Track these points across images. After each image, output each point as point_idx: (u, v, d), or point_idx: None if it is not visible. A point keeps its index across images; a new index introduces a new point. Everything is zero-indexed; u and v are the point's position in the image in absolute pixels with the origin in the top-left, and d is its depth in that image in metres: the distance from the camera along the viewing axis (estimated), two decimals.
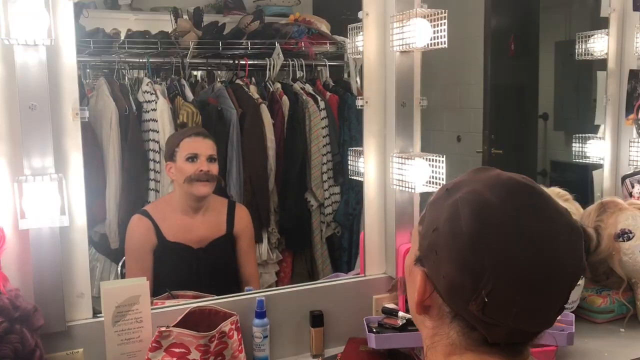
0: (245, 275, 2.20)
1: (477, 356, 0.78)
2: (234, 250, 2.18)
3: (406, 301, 1.73)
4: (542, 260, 0.73)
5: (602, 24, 2.39)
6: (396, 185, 1.77)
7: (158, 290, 1.87)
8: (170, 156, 2.09)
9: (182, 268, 2.07)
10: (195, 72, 2.73)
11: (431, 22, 1.66)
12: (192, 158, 2.06)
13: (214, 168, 2.09)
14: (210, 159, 2.09)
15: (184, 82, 2.51)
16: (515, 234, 0.73)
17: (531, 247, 0.73)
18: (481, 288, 0.72)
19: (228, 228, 2.15)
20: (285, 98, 2.61)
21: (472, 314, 0.75)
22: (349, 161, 2.01)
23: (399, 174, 1.75)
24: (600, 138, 2.44)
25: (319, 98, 2.66)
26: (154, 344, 1.47)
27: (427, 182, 1.72)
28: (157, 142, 2.38)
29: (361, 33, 1.83)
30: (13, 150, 1.40)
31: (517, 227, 0.73)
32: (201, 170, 2.04)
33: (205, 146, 2.09)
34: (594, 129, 2.53)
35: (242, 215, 2.21)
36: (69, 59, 1.45)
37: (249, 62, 2.64)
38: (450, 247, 0.75)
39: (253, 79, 2.67)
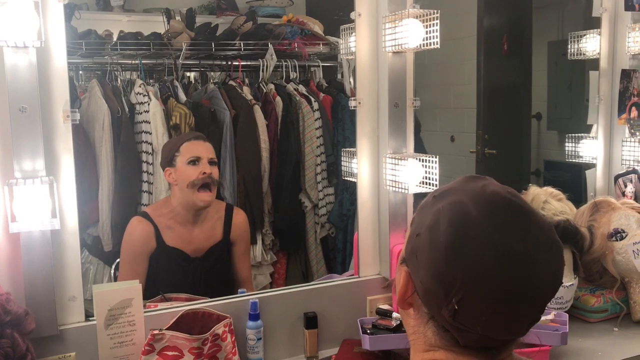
0: (240, 278, 2.19)
1: (450, 355, 0.81)
2: (230, 255, 2.17)
3: None
4: (516, 276, 0.74)
5: (594, 23, 2.40)
6: (389, 186, 1.77)
7: (154, 293, 1.86)
8: (170, 161, 2.06)
9: (178, 274, 2.06)
10: (188, 74, 2.73)
11: (423, 22, 1.66)
12: (194, 161, 2.04)
13: (215, 171, 2.08)
14: (211, 162, 2.08)
15: (176, 83, 2.51)
16: (490, 250, 0.74)
17: (505, 263, 0.74)
18: (452, 296, 0.75)
19: (225, 234, 2.14)
20: (278, 99, 2.61)
21: (444, 318, 0.78)
22: (342, 162, 2.01)
23: (392, 175, 1.75)
24: (593, 138, 2.45)
25: (312, 99, 2.66)
26: (146, 347, 1.46)
27: (420, 183, 1.71)
28: (150, 143, 2.37)
29: (354, 34, 1.83)
30: (3, 153, 1.39)
31: (492, 242, 0.75)
32: (204, 173, 2.02)
33: (206, 149, 2.08)
34: (587, 129, 2.53)
35: (240, 221, 2.19)
36: (60, 61, 1.44)
37: (242, 63, 2.63)
38: (427, 254, 0.78)
39: (246, 80, 2.67)
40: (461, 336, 0.79)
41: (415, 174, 1.71)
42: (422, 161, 1.71)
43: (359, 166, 1.86)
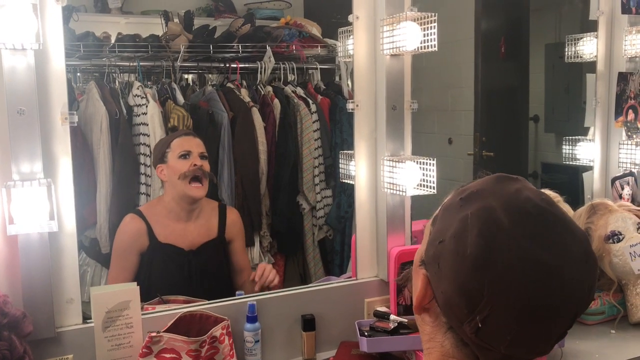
0: (240, 269, 2.19)
1: None
2: (226, 252, 2.17)
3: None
4: (546, 292, 0.69)
5: (591, 26, 2.41)
6: (387, 188, 1.77)
7: (149, 292, 1.86)
8: (161, 158, 2.08)
9: (173, 268, 2.07)
10: (186, 76, 2.73)
11: (421, 25, 1.66)
12: (185, 155, 2.07)
13: (206, 165, 2.10)
14: (202, 156, 2.10)
15: (174, 85, 2.51)
16: (521, 264, 0.69)
17: (536, 278, 0.69)
18: (477, 313, 0.70)
19: (220, 232, 2.15)
20: (276, 101, 2.61)
21: (466, 333, 0.73)
22: (340, 164, 2.01)
23: (390, 177, 1.75)
24: (590, 140, 2.46)
25: (310, 101, 2.66)
26: (144, 350, 1.46)
27: (418, 185, 1.72)
28: (148, 145, 2.37)
29: (351, 36, 1.83)
30: (1, 155, 1.39)
31: (525, 256, 0.69)
32: (195, 165, 2.05)
33: (196, 144, 2.11)
34: (584, 131, 2.54)
35: (234, 219, 2.21)
36: (58, 63, 1.44)
37: (240, 66, 2.64)
38: (452, 264, 0.72)
39: (244, 82, 2.66)
40: (482, 353, 0.74)
41: (413, 177, 1.71)
42: (420, 164, 1.71)
43: (357, 168, 1.86)
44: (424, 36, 1.66)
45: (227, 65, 2.62)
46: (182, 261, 2.07)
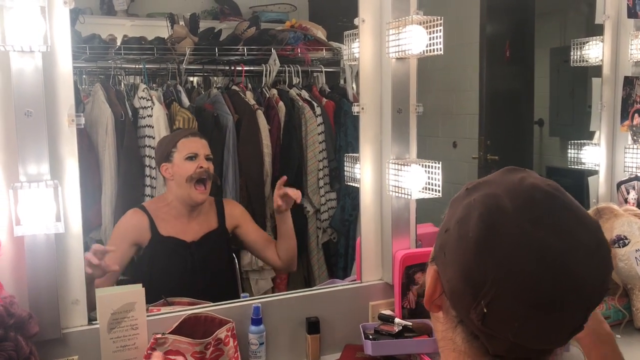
0: (266, 247, 2.20)
1: None
2: (228, 244, 2.19)
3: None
4: (553, 277, 0.67)
5: (596, 30, 2.40)
6: (392, 191, 1.77)
7: (152, 286, 1.85)
8: (166, 157, 2.09)
9: (175, 260, 2.07)
10: (191, 78, 2.74)
11: (427, 28, 1.67)
12: (192, 157, 2.08)
13: (211, 167, 2.12)
14: (207, 157, 2.12)
15: (180, 88, 2.52)
16: (524, 247, 0.67)
17: (541, 262, 0.67)
18: (481, 297, 0.69)
19: (220, 223, 2.16)
20: (281, 104, 2.62)
21: (473, 322, 0.71)
22: (345, 167, 2.01)
23: (395, 180, 1.75)
24: (595, 144, 2.45)
25: (315, 104, 2.66)
26: (149, 351, 1.46)
27: (423, 189, 1.72)
28: (153, 148, 2.37)
29: (357, 39, 1.84)
30: (8, 156, 1.40)
31: (527, 239, 0.68)
32: (201, 167, 2.06)
33: (202, 145, 2.12)
34: (589, 135, 2.54)
35: (231, 207, 2.23)
36: (65, 66, 1.45)
37: (245, 68, 2.64)
38: (455, 250, 0.72)
39: (249, 85, 2.67)
40: (491, 344, 0.72)
41: (418, 180, 1.71)
42: (425, 167, 1.71)
43: (362, 171, 1.86)
44: (430, 40, 1.66)
45: (233, 67, 2.63)
46: (184, 253, 2.08)
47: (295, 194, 2.07)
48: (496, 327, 0.70)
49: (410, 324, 1.66)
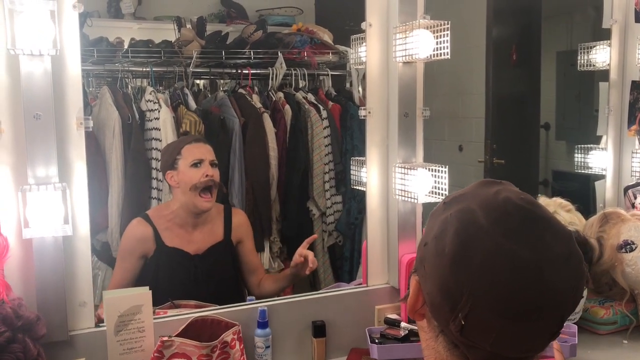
0: (252, 269, 2.19)
1: None
2: (233, 255, 2.18)
3: None
4: (527, 289, 0.69)
5: (603, 35, 2.40)
6: (399, 195, 1.77)
7: (157, 295, 1.86)
8: (171, 164, 2.08)
9: (179, 272, 2.07)
10: (198, 81, 2.75)
11: (434, 33, 1.67)
12: (197, 164, 2.06)
13: (216, 174, 2.10)
14: (212, 163, 2.10)
15: (187, 91, 2.52)
16: (499, 260, 0.70)
17: (515, 274, 0.69)
18: (458, 311, 0.71)
19: (226, 234, 2.15)
20: (287, 107, 2.62)
21: (452, 333, 0.74)
22: (351, 171, 2.01)
23: (402, 184, 1.75)
24: (602, 149, 2.45)
25: (321, 107, 2.67)
26: (156, 354, 1.46)
27: (429, 192, 1.72)
28: (160, 150, 2.38)
29: (364, 43, 1.84)
30: (17, 159, 1.41)
31: (501, 253, 0.70)
32: (207, 176, 2.05)
33: (207, 151, 2.11)
34: (596, 140, 2.53)
35: (240, 219, 2.21)
36: (74, 69, 1.46)
37: (251, 72, 2.65)
38: (433, 265, 0.75)
39: (256, 88, 2.68)
40: (471, 353, 0.74)
41: (424, 184, 1.71)
42: (432, 171, 1.71)
43: (369, 175, 1.86)
44: (437, 44, 1.66)
45: (239, 71, 2.63)
46: (188, 265, 2.07)
47: (313, 262, 2.01)
48: (474, 337, 0.72)
49: (417, 328, 1.66)
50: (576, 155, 2.53)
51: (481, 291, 0.70)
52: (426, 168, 1.72)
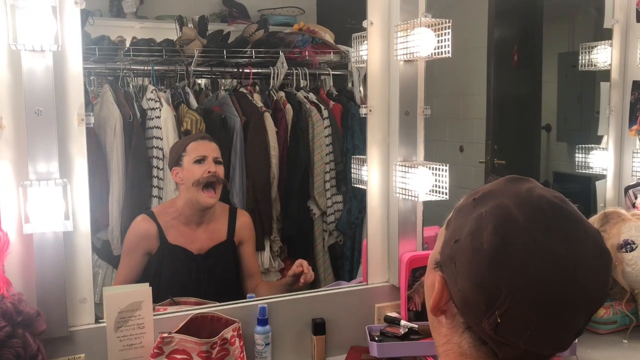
0: (250, 274, 2.19)
1: None
2: (235, 256, 2.18)
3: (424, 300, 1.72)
4: (564, 284, 0.70)
5: (605, 35, 2.40)
6: (399, 193, 1.77)
7: (159, 293, 1.86)
8: (177, 161, 2.10)
9: (181, 270, 2.08)
10: (199, 80, 2.75)
11: (435, 31, 1.67)
12: (200, 160, 2.08)
13: (220, 170, 2.11)
14: (216, 161, 2.12)
15: (188, 89, 2.52)
16: (538, 257, 0.70)
17: (553, 271, 0.70)
18: (495, 308, 0.71)
19: (229, 235, 2.16)
20: (288, 106, 2.62)
21: (484, 330, 0.73)
22: (352, 169, 2.01)
23: (402, 183, 1.76)
24: (603, 149, 2.45)
25: (322, 107, 2.67)
26: (155, 350, 1.46)
27: (430, 191, 1.72)
28: (161, 149, 2.38)
29: (365, 42, 1.84)
30: (18, 154, 1.41)
31: (540, 249, 0.70)
32: (209, 172, 2.06)
33: (211, 148, 2.12)
34: (597, 140, 2.53)
35: (245, 221, 2.22)
36: (76, 65, 1.46)
37: (253, 71, 2.65)
38: (469, 262, 0.73)
39: (257, 87, 2.68)
40: (501, 350, 0.74)
41: (425, 182, 1.71)
42: (432, 169, 1.71)
43: (369, 173, 1.86)
44: (438, 42, 1.67)
45: (240, 70, 2.64)
46: (190, 264, 2.08)
47: (308, 269, 1.99)
48: (508, 335, 0.72)
49: (416, 326, 1.66)
50: (577, 155, 2.53)
51: (520, 289, 0.70)
52: (427, 166, 1.72)
